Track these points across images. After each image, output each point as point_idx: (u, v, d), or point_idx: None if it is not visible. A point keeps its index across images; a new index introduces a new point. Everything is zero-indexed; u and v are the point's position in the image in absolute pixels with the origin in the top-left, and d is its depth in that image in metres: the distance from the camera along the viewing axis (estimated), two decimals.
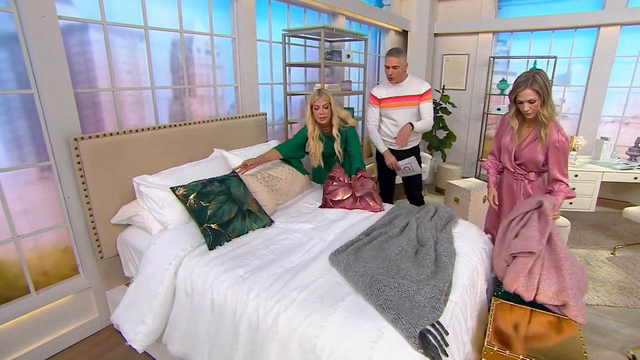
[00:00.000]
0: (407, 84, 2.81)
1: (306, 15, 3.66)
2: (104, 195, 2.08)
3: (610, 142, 3.71)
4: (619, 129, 4.41)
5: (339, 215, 2.33)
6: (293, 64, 3.39)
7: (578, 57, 4.51)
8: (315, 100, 2.42)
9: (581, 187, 3.56)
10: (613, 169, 3.45)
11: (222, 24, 2.86)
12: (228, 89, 3.03)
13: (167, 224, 1.98)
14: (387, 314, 1.34)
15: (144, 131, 2.24)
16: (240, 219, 2.01)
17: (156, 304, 1.71)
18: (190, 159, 2.44)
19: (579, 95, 4.56)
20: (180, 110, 2.67)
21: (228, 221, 1.95)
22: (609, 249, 3.38)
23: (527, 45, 4.83)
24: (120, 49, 2.30)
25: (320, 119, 2.46)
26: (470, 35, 5.14)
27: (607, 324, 2.38)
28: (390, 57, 2.68)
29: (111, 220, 2.13)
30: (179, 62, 2.60)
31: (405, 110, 2.83)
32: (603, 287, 2.77)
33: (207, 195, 1.97)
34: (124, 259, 2.19)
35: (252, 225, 2.05)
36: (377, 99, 2.85)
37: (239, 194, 2.09)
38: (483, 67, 5.13)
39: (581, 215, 4.08)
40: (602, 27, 4.16)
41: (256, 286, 1.53)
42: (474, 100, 5.32)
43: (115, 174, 2.11)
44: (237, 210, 2.02)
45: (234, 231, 1.95)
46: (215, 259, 1.73)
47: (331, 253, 1.78)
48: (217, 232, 1.88)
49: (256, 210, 2.12)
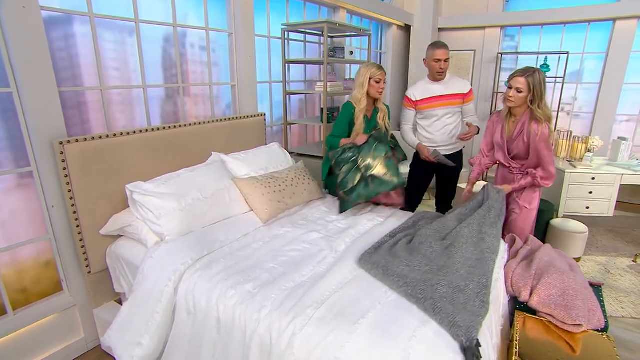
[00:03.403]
0: (451, 81, 2.77)
1: (306, 9, 3.65)
2: (92, 204, 2.03)
3: (629, 142, 3.75)
4: (635, 128, 4.47)
5: (348, 223, 2.33)
6: (293, 61, 3.37)
7: (591, 53, 4.57)
8: (377, 74, 2.52)
9: (599, 190, 3.58)
10: (633, 171, 3.48)
11: (217, 17, 2.84)
12: (224, 88, 3.00)
13: (165, 235, 1.94)
14: (439, 314, 1.40)
15: (136, 134, 2.20)
16: (364, 185, 2.30)
17: (154, 324, 1.66)
18: (186, 164, 2.40)
19: (592, 93, 4.62)
20: (173, 111, 2.64)
21: (351, 189, 2.30)
22: (629, 256, 3.40)
23: (536, 41, 4.89)
24: (109, 43, 2.26)
25: (379, 92, 2.57)
26: (476, 30, 5.19)
27: (635, 337, 2.38)
28: (441, 50, 2.61)
29: (100, 231, 2.08)
30: (172, 58, 2.56)
31: (448, 109, 2.76)
32: (627, 298, 2.78)
33: (339, 164, 2.38)
34: (115, 274, 2.14)
35: (378, 189, 2.30)
36: (413, 102, 2.79)
37: (368, 154, 2.35)
38: (490, 64, 5.18)
39: (599, 220, 4.11)
40: (618, 20, 4.22)
41: (268, 303, 1.49)
42: (480, 99, 5.36)
43: (104, 180, 2.06)
44: (359, 178, 2.31)
45: (359, 197, 2.31)
46: (220, 273, 1.69)
47: (361, 255, 1.84)
48: (342, 200, 2.36)
49: (382, 173, 2.31)
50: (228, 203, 2.24)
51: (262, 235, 2.11)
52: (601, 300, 1.94)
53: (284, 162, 2.79)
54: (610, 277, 3.07)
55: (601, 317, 1.75)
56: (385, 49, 5.19)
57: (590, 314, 1.73)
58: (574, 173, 3.44)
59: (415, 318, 1.43)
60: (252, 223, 2.22)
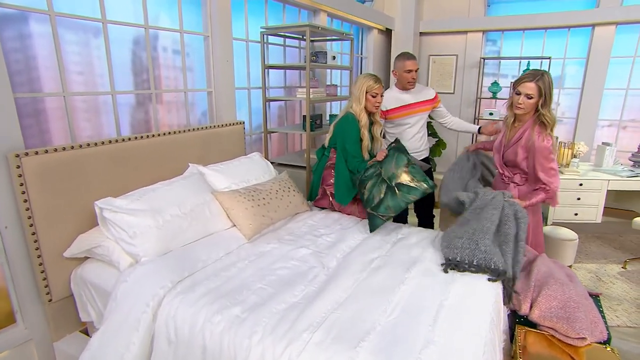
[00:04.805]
0: (419, 89, 3.00)
1: (285, 12, 3.66)
2: (54, 223, 1.93)
3: (613, 147, 3.93)
4: (617, 133, 4.70)
5: (337, 237, 2.31)
6: (273, 66, 3.36)
7: (572, 58, 4.80)
8: (374, 88, 2.52)
9: (586, 196, 3.73)
10: (619, 177, 3.64)
11: (192, 19, 2.80)
12: (199, 95, 2.94)
13: (140, 256, 1.86)
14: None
15: (104, 144, 2.11)
16: (391, 195, 2.28)
17: (130, 356, 1.58)
18: (160, 177, 2.33)
19: (575, 98, 4.84)
20: (144, 119, 2.56)
21: (379, 203, 2.27)
22: (619, 263, 3.54)
23: (518, 46, 5.09)
24: (71, 45, 2.18)
25: (376, 107, 2.58)
26: (458, 34, 5.35)
27: (632, 347, 2.45)
28: (411, 61, 2.83)
29: (64, 253, 1.98)
30: (143, 62, 2.50)
31: (419, 116, 2.98)
32: (620, 306, 2.88)
33: (364, 182, 2.38)
34: (81, 301, 2.03)
35: (407, 197, 2.29)
36: (383, 112, 2.91)
37: (390, 166, 2.36)
38: (473, 68, 5.34)
39: (586, 226, 4.26)
40: (597, 26, 4.46)
41: (259, 328, 1.44)
42: (463, 105, 5.51)
43: (69, 197, 1.97)
44: (385, 188, 2.30)
45: (388, 209, 2.27)
46: (204, 296, 1.63)
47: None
48: (371, 215, 2.30)
49: (408, 180, 2.31)
50: (209, 218, 2.18)
51: (247, 253, 2.06)
52: (601, 310, 1.99)
53: (267, 173, 2.76)
54: (602, 285, 3.17)
55: (603, 329, 1.79)
56: (366, 53, 5.27)
57: (592, 326, 1.77)
58: (562, 179, 3.56)
59: (418, 338, 1.41)
60: (236, 240, 2.17)
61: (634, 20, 4.27)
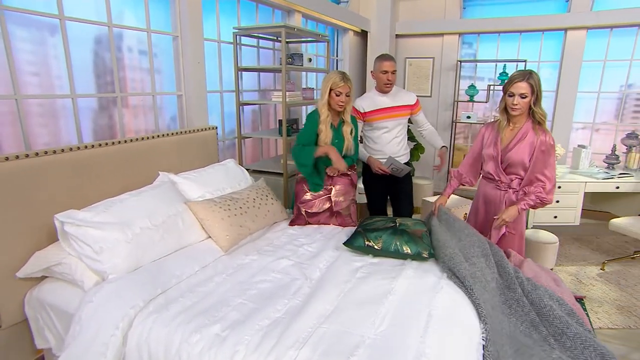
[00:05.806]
0: (398, 93, 2.99)
1: (258, 12, 3.64)
2: (5, 240, 1.82)
3: (588, 150, 4.11)
4: (591, 135, 4.93)
5: (318, 246, 2.29)
6: (247, 69, 3.32)
7: (547, 61, 5.02)
8: (339, 86, 2.50)
9: (565, 199, 3.88)
10: (595, 179, 3.81)
11: (160, 18, 2.74)
12: (169, 98, 2.88)
13: (107, 273, 1.78)
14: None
15: (64, 152, 2.02)
16: (391, 232, 2.19)
17: None
18: (127, 187, 2.25)
19: (550, 101, 5.04)
20: (108, 125, 2.48)
21: (375, 229, 2.22)
22: (597, 264, 3.68)
23: (494, 49, 5.27)
24: (24, 43, 2.09)
25: (339, 106, 2.55)
26: (434, 37, 5.48)
27: (615, 349, 2.53)
28: (388, 62, 2.81)
29: (17, 273, 1.87)
30: (107, 63, 2.41)
31: (397, 121, 2.96)
32: (601, 308, 2.99)
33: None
34: (37, 326, 1.92)
35: (403, 244, 2.14)
36: (361, 113, 2.92)
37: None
38: (449, 71, 5.48)
39: (565, 229, 4.42)
40: (569, 30, 4.68)
41: (241, 346, 1.41)
42: (440, 108, 5.64)
43: (22, 210, 1.87)
44: (390, 226, 2.25)
45: (377, 239, 2.16)
46: (180, 314, 1.57)
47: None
48: (358, 234, 2.22)
49: (416, 236, 2.19)
50: (182, 230, 2.12)
51: (224, 266, 2.02)
52: (587, 314, 2.05)
53: (243, 180, 2.72)
54: (583, 287, 3.29)
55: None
56: (341, 55, 5.31)
57: None
58: None
59: (409, 351, 1.41)
60: (212, 252, 2.12)
61: (604, 25, 4.51)
